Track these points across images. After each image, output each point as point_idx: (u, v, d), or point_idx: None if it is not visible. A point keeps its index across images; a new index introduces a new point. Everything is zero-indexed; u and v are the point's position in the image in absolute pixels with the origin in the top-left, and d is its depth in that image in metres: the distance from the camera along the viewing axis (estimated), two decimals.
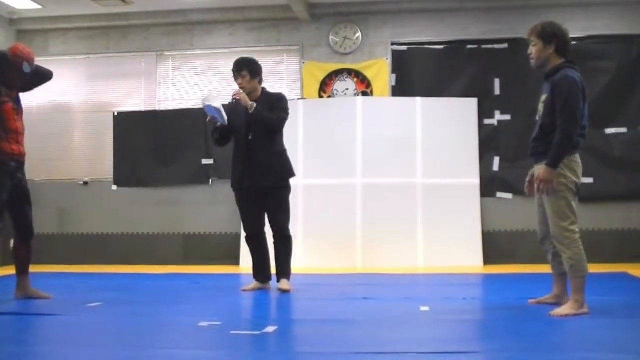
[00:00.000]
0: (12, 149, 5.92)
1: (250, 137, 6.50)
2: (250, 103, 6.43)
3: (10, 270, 6.41)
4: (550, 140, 4.99)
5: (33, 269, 6.32)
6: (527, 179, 5.39)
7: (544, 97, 5.15)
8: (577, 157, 5.07)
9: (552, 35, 5.12)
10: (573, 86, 4.97)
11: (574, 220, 5.02)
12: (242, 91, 6.51)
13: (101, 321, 5.17)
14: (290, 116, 6.68)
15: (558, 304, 5.23)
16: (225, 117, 6.48)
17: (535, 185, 5.15)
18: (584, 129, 5.06)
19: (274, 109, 6.51)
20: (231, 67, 6.70)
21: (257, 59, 6.81)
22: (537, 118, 5.25)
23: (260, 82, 6.66)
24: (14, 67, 5.90)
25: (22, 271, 6.17)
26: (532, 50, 5.21)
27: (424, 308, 5.39)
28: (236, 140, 6.62)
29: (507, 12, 9.50)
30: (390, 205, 9.09)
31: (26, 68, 5.94)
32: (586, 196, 8.89)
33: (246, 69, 6.55)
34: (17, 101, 6.07)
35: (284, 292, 6.36)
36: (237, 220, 9.21)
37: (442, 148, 9.26)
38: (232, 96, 6.60)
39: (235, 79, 6.61)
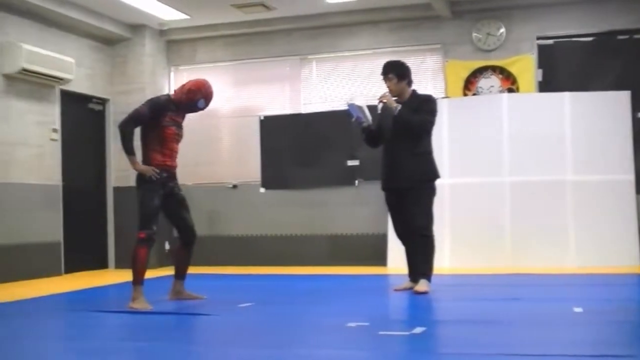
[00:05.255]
0: (164, 161, 6.05)
1: (394, 139, 6.52)
2: (395, 105, 6.45)
3: (165, 272, 6.64)
4: None
5: None
6: None
7: None
8: None
9: None
10: None
11: None
12: (388, 94, 6.54)
13: (252, 321, 5.29)
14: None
15: None
16: (369, 117, 6.55)
17: None
18: None
19: (420, 110, 6.48)
20: (374, 68, 6.74)
21: (399, 59, 6.82)
22: None
23: (409, 84, 6.65)
24: (190, 101, 6.09)
25: (180, 275, 6.39)
26: None
27: (577, 309, 5.23)
28: (384, 142, 6.65)
29: None
30: (540, 203, 8.90)
31: (201, 104, 6.14)
32: None
33: (393, 72, 6.58)
34: (180, 126, 6.22)
35: (418, 293, 6.24)
36: (384, 221, 9.26)
37: (593, 143, 8.96)
38: (378, 99, 6.63)
39: (385, 82, 6.64)
